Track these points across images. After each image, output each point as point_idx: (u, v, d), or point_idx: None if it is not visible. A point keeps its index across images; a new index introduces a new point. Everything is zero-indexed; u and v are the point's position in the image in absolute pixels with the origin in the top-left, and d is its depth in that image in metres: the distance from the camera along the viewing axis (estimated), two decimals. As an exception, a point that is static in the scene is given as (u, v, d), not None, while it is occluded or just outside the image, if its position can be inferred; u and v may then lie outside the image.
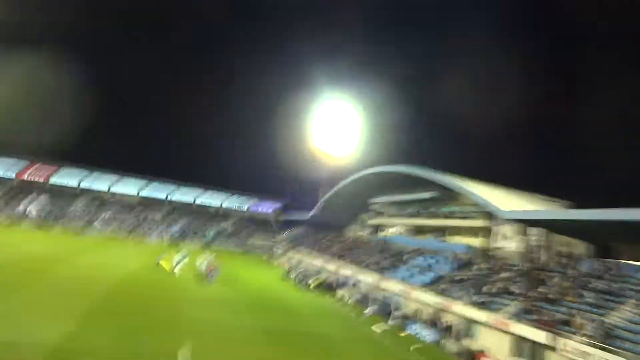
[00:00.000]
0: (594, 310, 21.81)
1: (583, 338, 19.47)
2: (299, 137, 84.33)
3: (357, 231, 63.96)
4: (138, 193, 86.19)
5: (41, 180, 79.03)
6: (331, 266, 50.02)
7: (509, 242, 34.41)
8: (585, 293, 23.56)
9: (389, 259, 43.14)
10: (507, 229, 34.59)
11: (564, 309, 22.84)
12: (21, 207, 67.34)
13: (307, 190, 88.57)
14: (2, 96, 64.95)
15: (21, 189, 74.61)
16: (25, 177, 78.01)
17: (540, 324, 21.92)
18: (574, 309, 22.33)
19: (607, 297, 22.68)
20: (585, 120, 59.22)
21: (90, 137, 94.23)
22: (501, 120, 63.70)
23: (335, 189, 62.30)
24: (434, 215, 45.60)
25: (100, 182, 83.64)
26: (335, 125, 77.08)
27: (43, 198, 72.32)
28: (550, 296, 24.55)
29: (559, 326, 21.31)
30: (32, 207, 68.70)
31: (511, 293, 26.95)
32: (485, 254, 35.70)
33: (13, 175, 77.24)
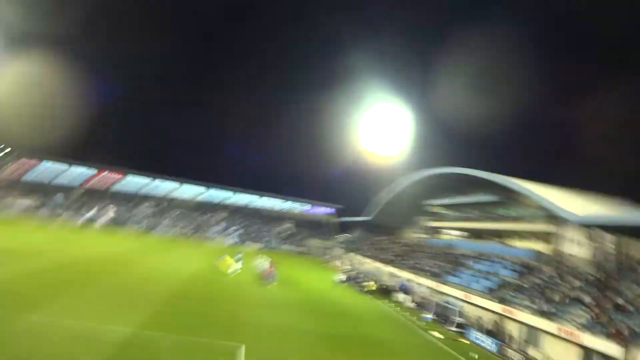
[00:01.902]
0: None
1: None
2: (352, 140, 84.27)
3: (414, 234, 62.92)
4: (203, 194, 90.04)
5: (112, 182, 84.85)
6: (388, 269, 49.61)
7: (578, 248, 32.44)
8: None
9: (449, 263, 42.10)
10: (576, 234, 32.65)
11: (639, 321, 21.25)
12: (89, 215, 72.24)
13: (362, 193, 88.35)
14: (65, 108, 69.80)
15: (95, 192, 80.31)
16: (91, 184, 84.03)
17: (612, 336, 20.55)
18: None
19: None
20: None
21: (152, 146, 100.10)
22: (557, 120, 60.34)
23: (393, 190, 61.66)
24: (496, 219, 43.92)
25: (167, 186, 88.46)
26: (388, 127, 76.21)
27: (110, 207, 77.26)
28: (627, 307, 22.92)
29: (633, 338, 19.87)
30: (101, 215, 73.62)
31: (581, 302, 25.43)
32: (553, 260, 33.87)
33: (79, 184, 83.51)
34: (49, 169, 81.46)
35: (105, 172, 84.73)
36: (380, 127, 76.78)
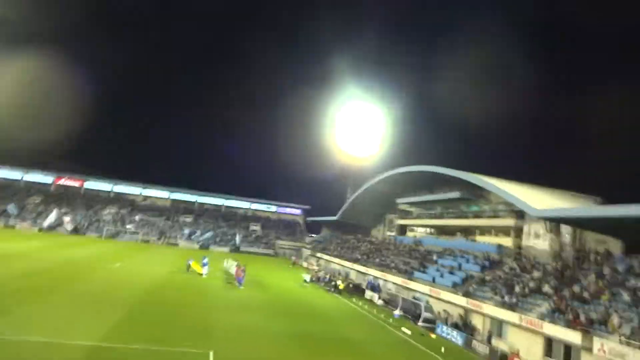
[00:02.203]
0: (632, 309, 20.95)
1: (620, 338, 18.74)
2: (324, 139, 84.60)
3: (384, 232, 63.51)
4: (168, 197, 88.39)
5: (77, 185, 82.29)
6: (359, 268, 49.82)
7: (540, 241, 33.44)
8: (621, 291, 22.66)
9: (417, 259, 42.65)
10: (538, 227, 33.65)
11: (599, 309, 22.03)
12: (57, 214, 69.68)
13: (333, 193, 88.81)
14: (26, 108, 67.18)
15: (57, 196, 77.44)
16: (61, 183, 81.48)
17: (574, 325, 21.23)
18: (610, 308, 21.51)
19: (645, 295, 21.75)
20: (608, 113, 57.56)
21: (112, 148, 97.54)
22: (521, 116, 62.58)
23: (362, 189, 62.01)
24: (462, 215, 44.81)
25: (130, 189, 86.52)
26: (360, 127, 76.93)
27: (77, 207, 74.62)
28: (585, 295, 23.74)
29: (595, 326, 20.59)
30: (68, 215, 70.99)
31: (543, 293, 26.20)
32: (516, 253, 34.82)
33: (50, 181, 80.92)
34: (3, 175, 78.16)
35: (63, 179, 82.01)
36: (354, 127, 77.49)
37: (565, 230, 31.78)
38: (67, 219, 69.44)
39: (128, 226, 74.35)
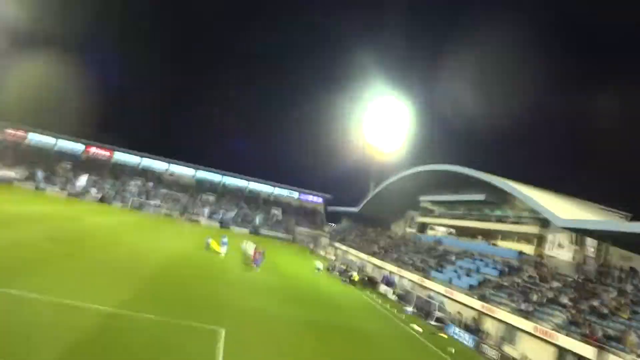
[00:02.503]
0: (650, 329, 20.52)
1: (633, 356, 18.42)
2: (350, 131, 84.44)
3: (404, 228, 63.30)
4: (193, 175, 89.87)
5: (104, 156, 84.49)
6: (375, 261, 49.91)
7: (562, 251, 32.87)
8: (635, 307, 22.19)
9: (435, 258, 42.46)
10: (562, 237, 33.06)
11: (617, 326, 21.64)
12: (85, 182, 71.83)
13: (355, 184, 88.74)
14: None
15: (86, 164, 79.73)
16: (91, 152, 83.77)
17: (588, 338, 20.92)
18: (629, 326, 21.10)
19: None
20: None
21: (146, 126, 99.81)
22: (554, 119, 60.93)
23: (385, 184, 61.81)
24: (484, 218, 44.28)
25: (158, 163, 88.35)
26: (386, 121, 76.51)
27: (105, 176, 76.72)
28: (603, 310, 23.31)
29: (609, 342, 20.25)
30: (95, 184, 73.11)
31: (560, 304, 25.83)
32: (537, 261, 34.28)
33: (81, 149, 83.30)
34: (36, 141, 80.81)
35: (93, 148, 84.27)
36: (380, 121, 77.18)
37: (590, 243, 31.14)
38: (95, 187, 71.56)
39: (152, 199, 76.05)
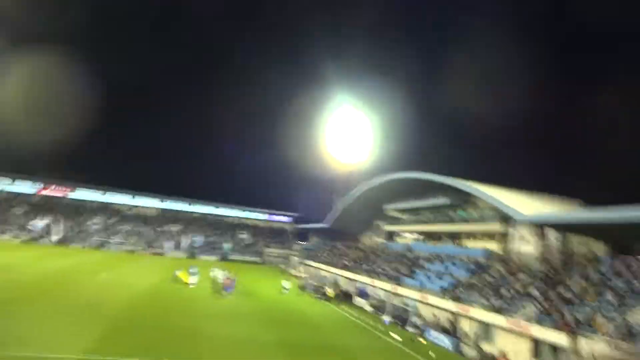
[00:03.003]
0: (616, 309, 21.29)
1: (603, 337, 19.01)
2: (311, 145, 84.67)
3: (372, 238, 63.65)
4: (156, 206, 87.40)
5: (61, 195, 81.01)
6: (348, 274, 49.81)
7: (526, 245, 33.85)
8: (605, 292, 23.02)
9: (406, 265, 42.79)
10: (524, 232, 34.07)
11: (584, 310, 22.35)
12: (41, 225, 68.70)
13: (321, 199, 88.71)
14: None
15: (42, 206, 76.24)
16: (46, 192, 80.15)
17: (560, 326, 21.48)
18: (595, 309, 21.82)
19: (630, 295, 22.12)
20: (587, 118, 58.62)
21: (100, 157, 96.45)
22: (505, 120, 63.42)
23: (351, 196, 62.18)
24: (450, 221, 45.16)
25: (118, 198, 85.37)
26: (348, 132, 77.08)
27: (62, 217, 73.53)
28: (570, 297, 24.05)
29: (580, 327, 20.86)
30: (53, 226, 69.97)
31: (530, 296, 26.47)
32: (503, 257, 35.17)
33: (34, 191, 79.48)
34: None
35: (52, 187, 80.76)
36: (342, 133, 77.57)
37: (551, 234, 32.22)
38: (52, 229, 68.45)
39: (114, 236, 73.44)
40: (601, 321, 20.30)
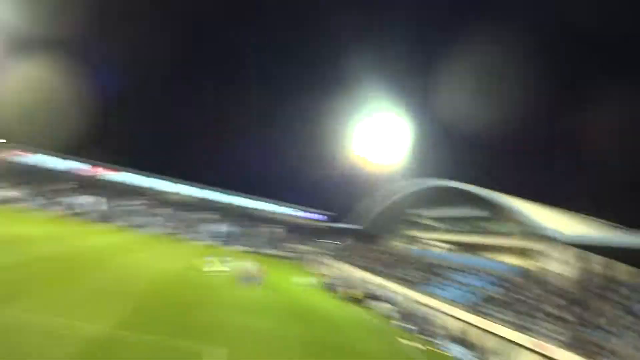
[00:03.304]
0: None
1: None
2: (349, 147, 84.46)
3: (400, 243, 62.91)
4: (197, 194, 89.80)
5: (111, 174, 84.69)
6: (372, 278, 49.54)
7: (562, 266, 32.52)
8: (636, 322, 21.83)
9: (432, 274, 42.09)
10: (557, 252, 32.75)
11: (613, 338, 21.30)
12: (88, 202, 72.16)
13: (353, 201, 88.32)
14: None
15: (84, 185, 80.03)
16: (96, 171, 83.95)
17: (584, 352, 20.57)
18: (623, 338, 20.75)
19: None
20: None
21: (148, 144, 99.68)
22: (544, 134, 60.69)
23: (388, 201, 61.71)
24: (481, 233, 44.05)
25: (160, 183, 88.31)
26: (382, 135, 76.38)
27: (101, 200, 76.91)
28: (599, 324, 22.97)
29: (606, 354, 19.90)
30: (91, 203, 73.35)
31: (556, 317, 25.48)
32: (534, 276, 33.94)
33: (86, 169, 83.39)
34: (41, 161, 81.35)
35: (99, 169, 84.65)
36: (377, 134, 77.03)
37: (593, 258, 30.78)
38: (98, 206, 71.85)
39: (156, 218, 76.19)
40: (629, 352, 19.30)
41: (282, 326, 25.36)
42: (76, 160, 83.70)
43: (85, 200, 72.37)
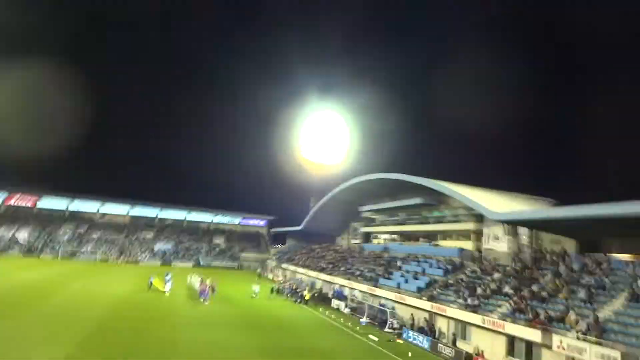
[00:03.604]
0: (587, 305, 21.80)
1: (578, 334, 19.41)
2: (286, 148, 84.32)
3: (348, 240, 63.76)
4: (127, 213, 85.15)
5: (29, 204, 78.01)
6: (324, 277, 49.71)
7: (499, 243, 34.41)
8: (577, 289, 23.56)
9: (382, 266, 42.96)
10: (497, 230, 34.64)
11: (557, 307, 22.81)
12: (9, 234, 66.30)
13: (297, 202, 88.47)
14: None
15: (8, 215, 73.44)
16: (12, 202, 76.98)
17: (534, 323, 21.85)
18: (567, 305, 22.30)
19: (599, 291, 22.70)
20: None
21: (68, 163, 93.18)
22: (483, 122, 64.46)
23: (325, 198, 62.11)
24: (424, 221, 45.60)
25: (87, 205, 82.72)
26: (323, 135, 77.13)
27: (31, 225, 71.08)
28: (543, 294, 24.53)
29: (553, 324, 21.27)
30: (20, 234, 67.57)
31: (504, 294, 26.91)
32: (477, 256, 35.69)
33: (0, 200, 76.21)
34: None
35: (18, 195, 77.70)
36: (317, 135, 77.50)
37: (523, 232, 32.84)
38: (19, 239, 66.12)
39: (85, 245, 71.40)
40: (573, 317, 20.74)
41: (236, 337, 24.77)
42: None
43: (6, 233, 66.31)
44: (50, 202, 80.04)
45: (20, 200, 78.05)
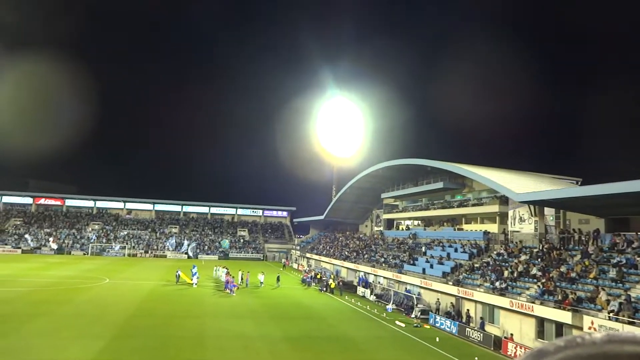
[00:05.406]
0: (619, 285, 21.34)
1: (609, 314, 19.06)
2: (307, 140, 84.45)
3: (371, 228, 63.68)
4: (153, 208, 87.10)
5: (58, 203, 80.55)
6: (349, 265, 49.87)
7: (525, 225, 33.86)
8: (608, 269, 23.07)
9: (406, 252, 42.83)
10: (522, 212, 34.08)
11: (587, 287, 22.40)
12: (41, 234, 68.46)
13: (318, 192, 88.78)
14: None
15: (39, 215, 75.82)
16: (41, 202, 79.62)
17: (564, 305, 21.52)
18: (598, 286, 21.87)
19: (631, 271, 22.17)
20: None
21: (92, 164, 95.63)
22: (498, 112, 63.56)
23: (346, 187, 62.03)
24: (447, 205, 45.17)
25: (113, 203, 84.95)
26: (342, 126, 77.08)
27: (60, 223, 73.19)
28: (572, 275, 24.10)
29: (584, 304, 20.91)
30: (51, 232, 69.64)
31: (531, 276, 26.53)
32: (502, 238, 35.21)
33: (30, 201, 78.95)
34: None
35: (42, 200, 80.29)
36: (335, 126, 77.55)
37: (549, 212, 32.23)
38: (50, 238, 68.18)
39: (113, 242, 73.19)
40: (602, 297, 20.35)
41: (263, 327, 25.11)
42: (18, 193, 79.10)
43: (34, 234, 68.47)
44: (77, 202, 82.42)
45: (49, 200, 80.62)
